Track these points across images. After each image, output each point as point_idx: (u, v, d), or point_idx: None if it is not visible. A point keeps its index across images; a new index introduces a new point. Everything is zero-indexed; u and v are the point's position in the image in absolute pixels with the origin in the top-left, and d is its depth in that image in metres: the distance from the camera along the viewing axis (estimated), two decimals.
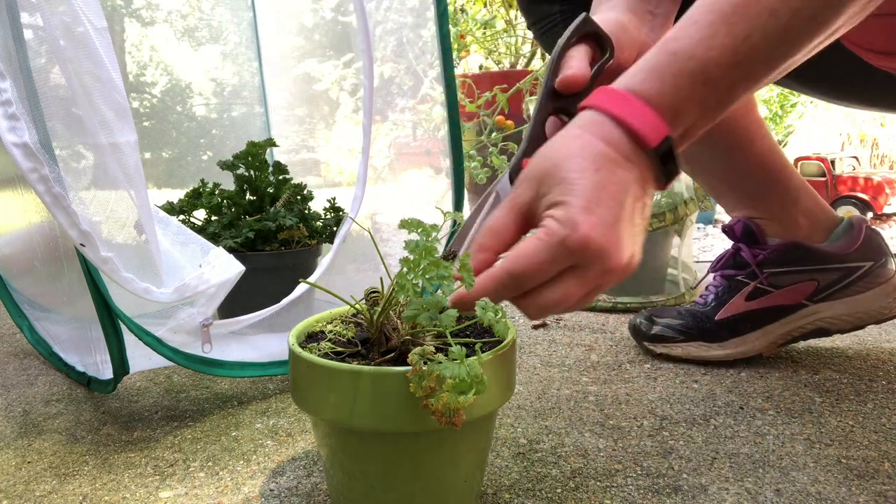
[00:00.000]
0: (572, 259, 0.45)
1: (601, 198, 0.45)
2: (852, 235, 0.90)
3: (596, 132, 0.48)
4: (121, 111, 0.68)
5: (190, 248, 0.81)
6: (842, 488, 0.59)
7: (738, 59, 0.47)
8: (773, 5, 0.45)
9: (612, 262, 0.45)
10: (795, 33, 0.46)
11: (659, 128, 0.47)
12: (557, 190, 0.46)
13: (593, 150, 0.47)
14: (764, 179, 0.90)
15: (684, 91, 0.47)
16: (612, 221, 0.45)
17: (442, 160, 1.04)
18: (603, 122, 0.48)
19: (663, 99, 0.47)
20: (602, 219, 0.45)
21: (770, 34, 0.46)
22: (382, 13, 1.04)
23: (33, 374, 0.96)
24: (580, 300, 0.47)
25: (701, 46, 0.47)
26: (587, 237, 0.44)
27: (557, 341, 1.06)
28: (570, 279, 0.46)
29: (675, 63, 0.47)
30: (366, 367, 0.47)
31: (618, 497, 0.58)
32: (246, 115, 1.46)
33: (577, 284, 0.46)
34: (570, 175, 0.46)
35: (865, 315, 0.90)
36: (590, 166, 0.46)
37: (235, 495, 0.60)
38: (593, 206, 0.45)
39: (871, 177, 2.74)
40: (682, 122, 0.49)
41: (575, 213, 0.44)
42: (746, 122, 0.88)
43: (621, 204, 0.46)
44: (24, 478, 0.65)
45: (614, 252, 0.45)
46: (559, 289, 0.46)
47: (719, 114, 0.50)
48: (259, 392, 0.86)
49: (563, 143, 0.48)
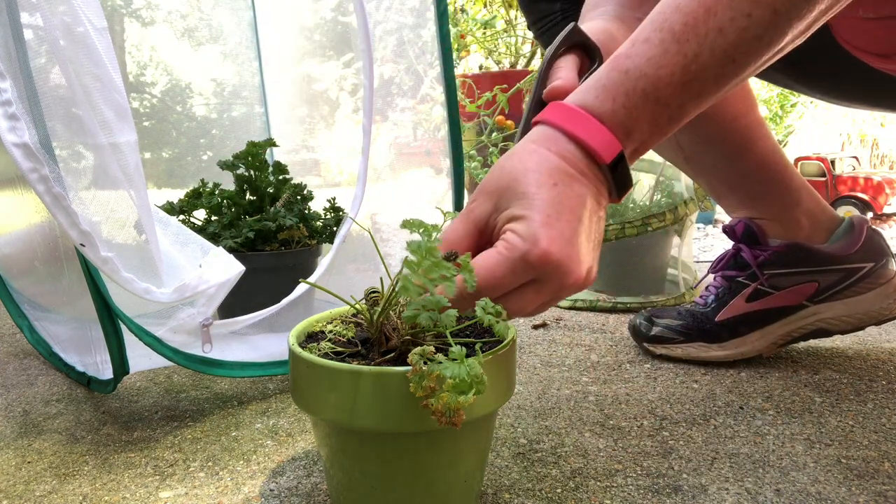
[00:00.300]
0: (533, 273, 0.46)
1: (560, 212, 0.46)
2: (853, 236, 0.90)
3: (552, 147, 0.49)
4: (121, 111, 0.68)
5: (190, 248, 0.81)
6: (842, 488, 0.59)
7: (687, 78, 0.48)
8: (721, 25, 0.46)
9: (570, 277, 0.46)
10: (743, 52, 0.47)
11: (612, 145, 0.49)
12: (517, 205, 0.47)
13: (550, 165, 0.48)
14: (765, 180, 0.90)
15: (636, 110, 0.49)
16: (571, 236, 0.46)
17: (442, 160, 1.04)
18: (558, 137, 0.49)
19: (615, 117, 0.49)
20: (562, 233, 0.46)
21: (718, 53, 0.47)
22: (382, 13, 1.04)
23: (33, 374, 0.96)
24: (535, 310, 0.49)
25: (651, 65, 0.48)
26: (547, 252, 0.45)
27: (557, 341, 1.06)
28: (528, 291, 0.47)
29: (628, 81, 0.49)
30: (366, 367, 0.47)
31: (618, 497, 0.58)
32: (246, 115, 1.46)
33: (533, 295, 0.47)
34: (529, 189, 0.47)
35: (866, 316, 0.90)
36: (547, 181, 0.47)
37: (235, 495, 0.60)
38: (553, 220, 0.46)
39: (871, 177, 2.74)
40: (634, 138, 0.50)
41: (536, 227, 0.45)
42: (747, 122, 0.88)
43: (579, 218, 0.47)
44: (24, 478, 0.65)
45: (573, 267, 0.46)
46: (516, 299, 0.47)
47: (671, 129, 0.51)
48: (259, 392, 0.86)
49: (519, 157, 0.49)
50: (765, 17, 0.46)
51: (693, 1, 0.47)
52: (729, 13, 0.46)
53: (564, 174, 0.48)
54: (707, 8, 0.46)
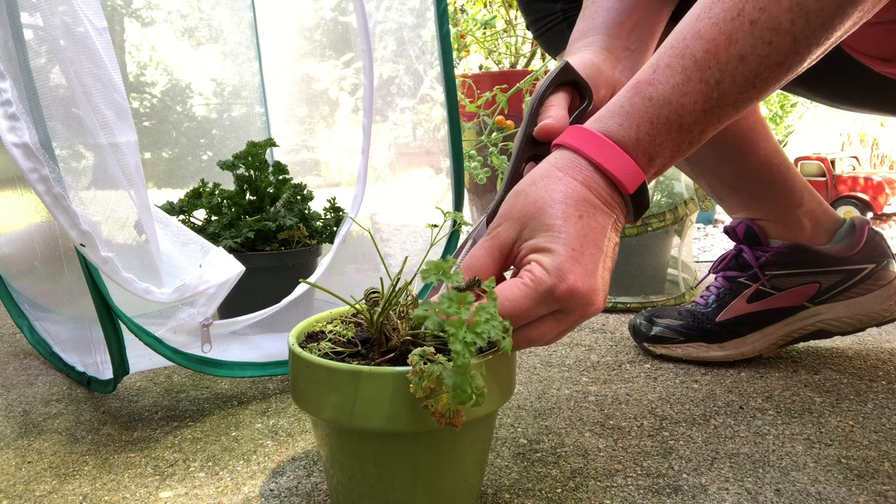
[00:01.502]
0: (556, 306, 0.47)
1: (584, 245, 0.47)
2: (854, 237, 0.90)
3: (577, 176, 0.50)
4: (121, 111, 0.68)
5: (190, 248, 0.80)
6: (842, 488, 0.59)
7: (709, 105, 0.48)
8: (742, 52, 0.47)
9: (592, 307, 0.48)
10: (763, 78, 0.48)
11: (636, 175, 0.50)
12: (543, 236, 0.48)
13: (577, 197, 0.49)
14: (767, 181, 0.90)
15: (660, 136, 0.49)
16: (594, 269, 0.48)
17: (442, 160, 1.04)
18: (583, 166, 0.50)
19: (639, 146, 0.50)
20: (586, 268, 0.47)
21: (739, 80, 0.48)
22: (382, 13, 1.04)
23: (33, 374, 0.96)
24: (554, 338, 0.50)
25: (675, 93, 0.48)
26: (574, 287, 0.46)
27: (557, 341, 1.06)
28: (549, 321, 0.48)
29: (651, 109, 0.49)
30: (366, 367, 0.47)
31: (618, 497, 0.58)
32: (246, 115, 1.46)
33: (554, 325, 0.49)
34: (556, 222, 0.48)
35: (866, 317, 0.90)
36: (574, 213, 0.48)
37: (235, 495, 0.60)
38: (578, 255, 0.47)
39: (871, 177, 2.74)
40: (655, 165, 0.51)
41: (562, 262, 0.46)
42: (750, 124, 0.88)
43: (601, 249, 0.49)
44: (24, 478, 0.65)
45: (595, 298, 0.48)
46: (537, 329, 0.48)
47: (689, 152, 0.52)
48: (259, 392, 0.86)
49: (545, 185, 0.50)
50: (785, 44, 0.46)
51: (713, 28, 0.47)
52: (750, 40, 0.46)
53: (589, 205, 0.49)
54: (728, 35, 0.47)
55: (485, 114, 2.04)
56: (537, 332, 0.49)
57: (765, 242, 0.91)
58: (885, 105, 0.86)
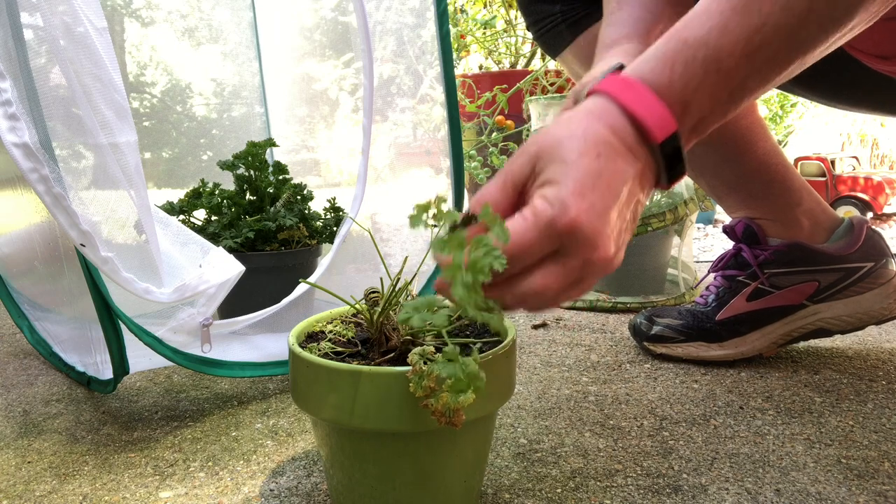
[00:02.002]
0: (556, 243, 0.43)
1: (596, 185, 0.43)
2: (853, 236, 0.90)
3: (602, 117, 0.46)
4: (121, 111, 0.68)
5: (190, 248, 0.81)
6: (842, 488, 0.59)
7: (750, 51, 0.45)
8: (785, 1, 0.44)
9: (597, 252, 0.43)
10: (806, 32, 0.46)
11: (667, 122, 0.45)
12: (552, 168, 0.44)
13: (597, 136, 0.45)
14: (767, 181, 0.90)
15: (695, 80, 0.45)
16: (603, 210, 0.43)
17: (442, 160, 1.04)
18: (610, 108, 0.46)
19: (673, 89, 0.46)
20: (593, 205, 0.42)
21: (782, 29, 0.45)
22: (382, 13, 1.04)
23: (33, 374, 0.96)
24: (560, 292, 0.44)
25: (713, 34, 0.45)
26: (576, 221, 0.42)
27: (557, 341, 1.06)
28: (550, 266, 0.44)
29: (687, 51, 0.45)
30: (365, 367, 0.47)
31: (618, 497, 0.58)
32: (246, 115, 1.46)
33: (557, 273, 0.44)
34: (569, 156, 0.44)
35: (866, 315, 0.90)
36: (591, 151, 0.44)
37: (235, 495, 0.60)
38: (587, 191, 0.42)
39: (871, 177, 2.74)
40: (691, 115, 0.47)
41: (566, 194, 0.42)
42: (749, 123, 0.88)
43: (616, 195, 0.44)
44: (24, 478, 0.65)
45: (601, 242, 0.43)
46: (539, 277, 0.44)
47: (730, 109, 0.48)
48: (259, 392, 0.86)
49: (567, 123, 0.46)
50: None
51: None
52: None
53: (610, 147, 0.44)
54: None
55: (485, 114, 2.04)
56: (539, 282, 0.43)
57: (763, 241, 0.91)
58: (884, 105, 0.86)
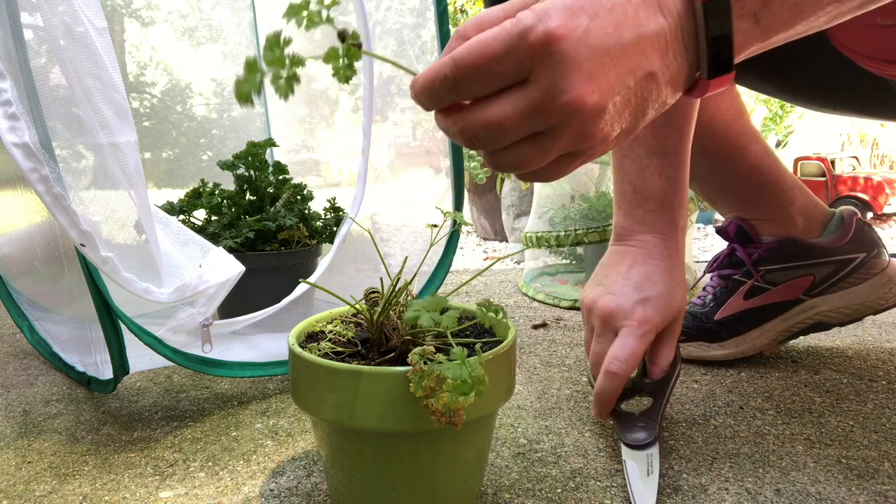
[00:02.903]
0: (527, 62, 0.35)
1: (598, 13, 0.35)
2: (844, 228, 0.91)
3: None
4: (121, 111, 0.68)
5: (190, 248, 0.81)
6: (842, 488, 0.59)
7: None
8: None
9: (568, 83, 0.34)
10: None
11: None
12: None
13: None
14: (759, 183, 0.91)
15: None
16: (597, 44, 0.35)
17: (442, 160, 1.04)
18: None
19: None
20: (586, 30, 0.34)
21: None
22: (382, 13, 1.04)
23: (33, 374, 0.96)
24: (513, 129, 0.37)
25: None
26: (552, 34, 0.34)
27: (557, 341, 1.06)
28: (512, 94, 0.36)
29: None
30: (366, 367, 0.47)
31: (618, 497, 0.58)
32: (246, 115, 1.46)
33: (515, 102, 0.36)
34: None
35: (862, 306, 0.91)
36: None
37: (235, 495, 0.60)
38: (581, 11, 0.35)
39: (871, 177, 2.74)
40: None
41: (553, 6, 0.35)
42: (739, 128, 0.89)
43: (620, 40, 0.35)
44: (24, 478, 0.65)
45: (578, 74, 0.34)
46: (495, 106, 0.36)
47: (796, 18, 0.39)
48: (259, 392, 0.86)
49: None
50: None
51: None
52: None
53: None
54: None
55: None
56: (494, 111, 0.36)
57: (756, 239, 0.91)
58: (876, 108, 0.86)
